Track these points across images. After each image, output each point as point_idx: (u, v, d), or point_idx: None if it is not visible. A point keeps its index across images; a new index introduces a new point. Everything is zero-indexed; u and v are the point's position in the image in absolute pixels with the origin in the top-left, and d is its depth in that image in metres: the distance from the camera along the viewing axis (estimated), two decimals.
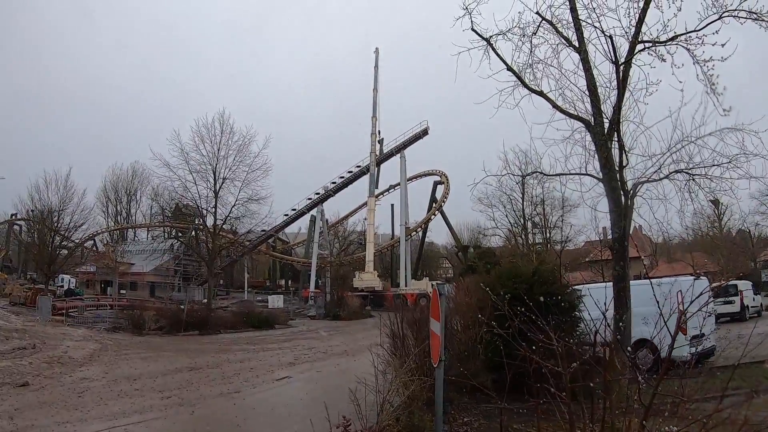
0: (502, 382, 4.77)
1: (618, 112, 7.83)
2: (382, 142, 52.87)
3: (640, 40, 7.51)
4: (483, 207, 33.08)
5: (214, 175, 31.09)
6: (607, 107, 8.10)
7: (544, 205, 31.86)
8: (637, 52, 7.57)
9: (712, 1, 7.05)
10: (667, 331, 3.16)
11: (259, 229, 41.93)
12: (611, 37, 7.50)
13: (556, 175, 9.41)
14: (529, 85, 8.44)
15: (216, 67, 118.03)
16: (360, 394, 5.61)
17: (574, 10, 7.96)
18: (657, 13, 7.27)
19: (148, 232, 61.19)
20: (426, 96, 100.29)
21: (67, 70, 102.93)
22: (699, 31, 7.08)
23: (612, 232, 8.15)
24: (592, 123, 8.05)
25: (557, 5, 8.10)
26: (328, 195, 54.10)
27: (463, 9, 8.44)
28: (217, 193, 31.11)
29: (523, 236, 32.80)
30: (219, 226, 32.00)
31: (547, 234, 32.55)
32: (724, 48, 6.94)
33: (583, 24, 7.92)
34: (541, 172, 12.76)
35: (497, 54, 8.54)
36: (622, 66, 7.63)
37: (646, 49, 7.58)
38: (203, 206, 31.75)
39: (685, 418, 2.88)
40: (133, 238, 61.01)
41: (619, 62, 7.60)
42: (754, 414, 4.18)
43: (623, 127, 8.07)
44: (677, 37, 7.25)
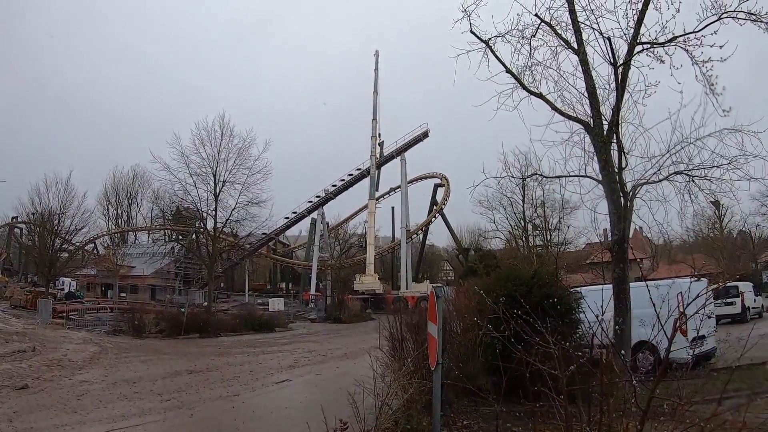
0: (501, 385, 4.74)
1: (617, 114, 7.80)
2: (382, 145, 53.00)
3: (639, 41, 7.50)
4: (483, 210, 33.12)
5: (214, 178, 31.19)
6: (606, 109, 8.08)
7: (545, 208, 31.82)
8: (635, 53, 7.55)
9: (711, 2, 7.05)
10: (665, 333, 3.13)
11: (259, 232, 42.00)
12: (609, 39, 7.49)
13: (556, 177, 9.38)
14: (528, 87, 8.42)
15: (217, 68, 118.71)
16: (359, 398, 5.58)
17: (572, 12, 7.95)
18: (656, 14, 7.27)
19: (149, 235, 61.30)
20: (426, 99, 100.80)
21: (68, 71, 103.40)
22: (698, 33, 7.07)
23: (611, 234, 8.11)
24: (591, 125, 8.03)
25: (556, 7, 8.09)
26: (329, 198, 54.18)
27: (462, 11, 8.45)
28: (217, 196, 31.19)
29: (524, 239, 32.76)
30: (219, 229, 32.06)
31: (548, 236, 32.49)
32: (723, 49, 6.94)
33: (581, 26, 7.90)
34: (541, 174, 12.74)
35: (496, 56, 8.53)
36: (621, 67, 7.61)
37: (645, 50, 7.56)
38: (203, 209, 31.88)
39: (682, 422, 2.85)
40: (133, 241, 61.25)
41: (618, 64, 7.58)
42: (756, 416, 4.16)
43: (622, 129, 8.05)
44: (676, 39, 7.24)
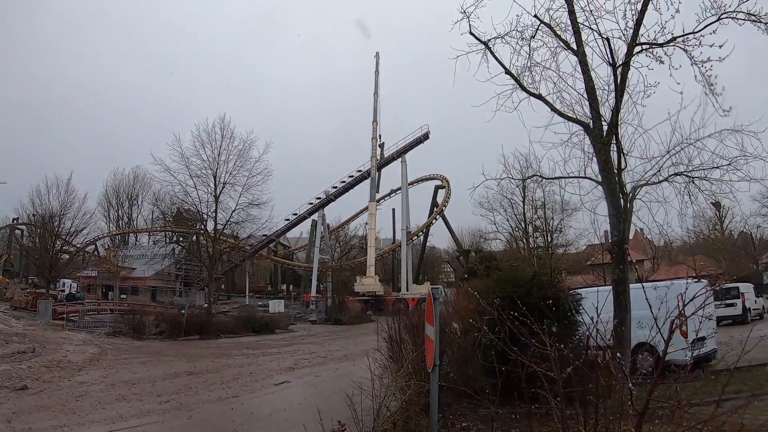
0: (501, 387, 4.72)
1: (616, 115, 7.76)
2: (383, 147, 53.07)
3: (638, 42, 7.46)
4: (484, 211, 33.10)
5: (215, 180, 31.18)
6: (606, 110, 8.03)
7: (545, 209, 31.79)
8: (635, 54, 7.51)
9: (711, 3, 7.02)
10: (662, 335, 3.11)
11: (260, 234, 42.05)
12: (609, 40, 7.46)
13: (556, 179, 9.35)
14: (528, 88, 8.38)
15: (218, 69, 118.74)
16: (358, 399, 5.57)
17: (572, 12, 7.92)
18: (655, 15, 7.24)
19: (150, 237, 61.40)
20: (427, 100, 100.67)
21: (68, 72, 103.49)
22: (697, 33, 7.04)
23: (611, 235, 8.08)
24: (591, 126, 7.99)
25: (555, 8, 8.06)
26: (329, 200, 54.22)
27: (461, 12, 8.43)
28: (217, 197, 31.18)
29: (525, 240, 32.72)
30: (220, 231, 32.05)
31: (549, 238, 32.44)
32: (722, 49, 6.91)
33: (581, 26, 7.88)
34: (541, 176, 12.78)
35: (495, 57, 8.49)
36: (620, 68, 7.58)
37: (644, 51, 7.53)
38: (204, 211, 31.87)
39: (680, 424, 2.82)
40: (134, 243, 61.24)
41: (617, 64, 7.55)
42: (756, 418, 4.13)
43: (622, 130, 8.00)
44: (675, 39, 7.20)
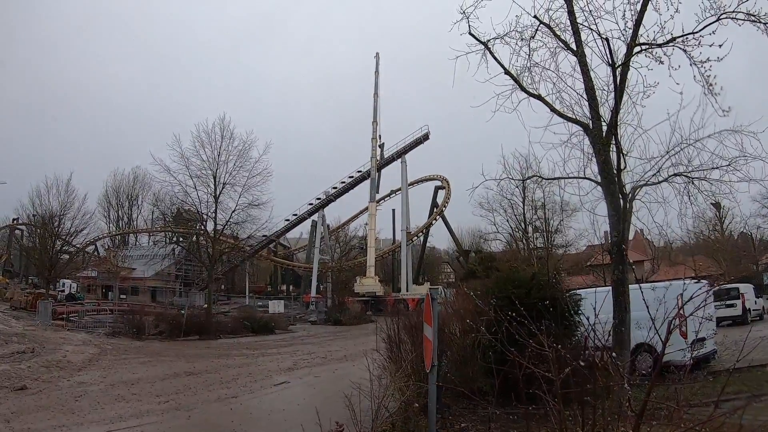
0: (499, 388, 4.72)
1: (616, 115, 7.76)
2: (383, 147, 53.08)
3: (638, 42, 7.46)
4: (484, 212, 32.98)
5: (215, 180, 31.17)
6: (605, 110, 8.02)
7: (545, 210, 31.74)
8: (634, 54, 7.51)
9: (710, 3, 7.02)
10: (659, 336, 3.10)
11: (259, 234, 42.04)
12: (608, 40, 7.46)
13: (555, 179, 9.34)
14: (527, 88, 8.37)
15: (219, 70, 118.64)
16: (357, 400, 5.56)
17: (571, 13, 7.92)
18: (654, 15, 7.24)
19: (150, 237, 61.32)
20: (427, 101, 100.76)
21: (69, 73, 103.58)
22: (696, 33, 7.04)
23: (611, 236, 8.08)
24: (590, 126, 7.99)
25: (555, 9, 8.05)
26: (329, 200, 54.20)
27: (461, 13, 8.42)
28: (217, 198, 31.18)
29: (524, 241, 32.68)
30: (219, 232, 32.04)
31: (549, 238, 32.40)
32: (722, 49, 6.90)
33: (580, 27, 7.87)
34: (540, 176, 12.76)
35: (495, 58, 8.48)
36: (620, 68, 7.58)
37: (644, 51, 7.52)
38: (203, 211, 31.86)
39: (678, 425, 2.81)
40: (134, 243, 61.22)
41: (617, 65, 7.55)
42: (755, 419, 4.12)
43: (621, 130, 7.99)
44: (675, 39, 7.19)
